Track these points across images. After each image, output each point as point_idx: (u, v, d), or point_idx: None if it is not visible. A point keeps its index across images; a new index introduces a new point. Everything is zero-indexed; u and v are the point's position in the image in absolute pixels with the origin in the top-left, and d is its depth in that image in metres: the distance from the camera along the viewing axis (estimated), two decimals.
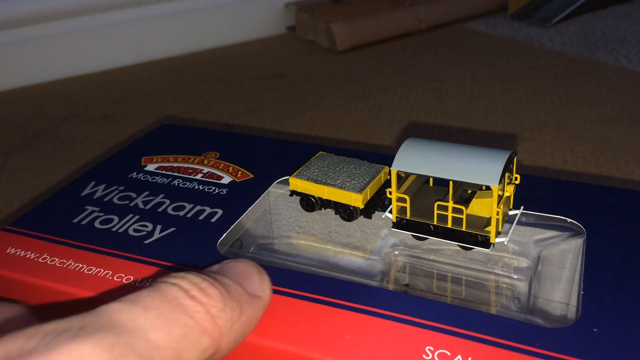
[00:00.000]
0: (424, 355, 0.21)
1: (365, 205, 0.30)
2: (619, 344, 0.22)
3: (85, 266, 0.27)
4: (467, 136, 0.57)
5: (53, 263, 0.28)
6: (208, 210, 0.32)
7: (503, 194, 0.27)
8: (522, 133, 0.57)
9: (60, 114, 0.70)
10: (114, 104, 0.72)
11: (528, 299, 0.27)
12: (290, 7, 0.94)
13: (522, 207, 0.30)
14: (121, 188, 0.34)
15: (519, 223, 0.31)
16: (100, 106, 0.71)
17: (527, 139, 0.55)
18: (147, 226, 0.30)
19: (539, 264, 0.29)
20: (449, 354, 0.22)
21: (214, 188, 0.34)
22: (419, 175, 0.30)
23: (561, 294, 0.27)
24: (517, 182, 0.29)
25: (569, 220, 0.30)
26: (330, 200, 0.31)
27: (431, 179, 0.31)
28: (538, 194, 0.32)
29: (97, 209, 0.32)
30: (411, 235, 0.30)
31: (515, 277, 0.29)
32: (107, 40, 0.84)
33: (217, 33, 0.91)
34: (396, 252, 0.31)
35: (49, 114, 0.70)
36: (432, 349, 0.22)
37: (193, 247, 0.29)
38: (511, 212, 0.30)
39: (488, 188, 0.28)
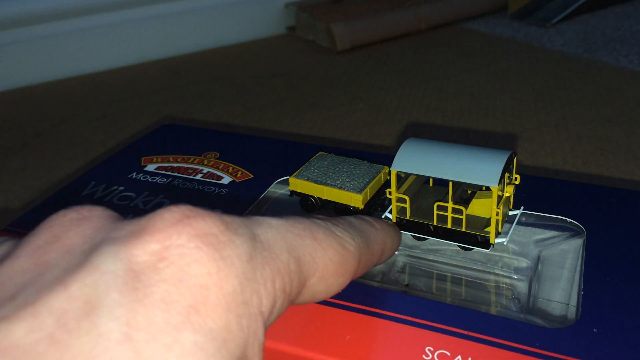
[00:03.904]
0: (423, 356, 0.21)
1: (365, 205, 0.30)
2: (619, 344, 0.22)
3: None
4: (467, 136, 0.57)
5: None
6: None
7: (503, 195, 0.27)
8: (522, 133, 0.57)
9: (60, 114, 0.70)
10: (114, 104, 0.72)
11: (528, 299, 0.27)
12: (290, 7, 0.94)
13: (522, 208, 0.30)
14: (121, 188, 0.34)
15: (519, 223, 0.31)
16: (100, 106, 0.71)
17: (527, 139, 0.55)
18: None
19: (539, 264, 0.29)
20: (448, 354, 0.21)
21: (214, 188, 0.34)
22: (418, 176, 0.30)
23: (561, 294, 0.27)
24: (517, 182, 0.29)
25: (569, 220, 0.30)
26: (330, 201, 0.31)
27: (431, 179, 0.31)
28: (538, 194, 0.32)
29: None
30: (411, 235, 0.30)
31: (515, 277, 0.29)
32: (107, 40, 0.84)
33: (217, 33, 0.91)
34: (396, 253, 0.31)
35: (49, 114, 0.70)
36: (432, 349, 0.22)
37: None
38: (511, 213, 0.30)
39: (488, 188, 0.28)
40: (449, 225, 0.28)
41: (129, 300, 0.13)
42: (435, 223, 0.28)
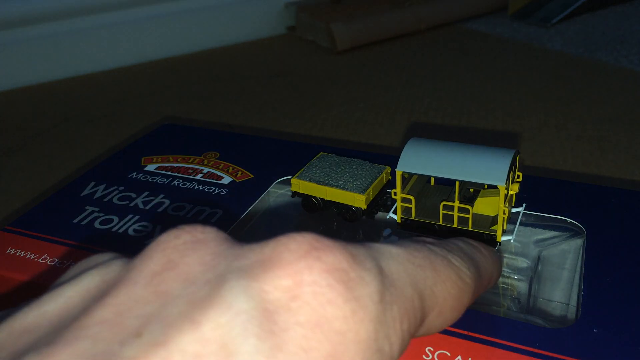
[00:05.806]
0: (423, 356, 0.21)
1: (367, 205, 0.30)
2: (619, 344, 0.22)
3: None
4: (467, 136, 0.57)
5: (53, 263, 0.28)
6: (208, 210, 0.32)
7: (509, 193, 0.27)
8: (522, 133, 0.57)
9: (60, 114, 0.70)
10: (114, 104, 0.72)
11: (528, 299, 0.27)
12: (290, 7, 0.94)
13: (524, 204, 0.30)
14: (121, 188, 0.34)
15: (519, 224, 0.31)
16: (100, 106, 0.71)
17: (527, 139, 0.55)
18: (147, 226, 0.30)
19: (539, 264, 0.29)
20: (448, 354, 0.21)
21: (214, 188, 0.34)
22: (421, 175, 0.30)
23: (561, 294, 0.27)
24: (520, 179, 0.29)
25: (569, 220, 0.30)
26: (333, 202, 0.31)
27: (432, 178, 0.31)
28: (538, 194, 0.32)
29: (97, 209, 0.32)
30: (416, 235, 0.30)
31: (515, 277, 0.29)
32: (107, 40, 0.84)
33: (217, 33, 0.91)
34: None
35: (49, 114, 0.70)
36: (432, 349, 0.22)
37: None
38: (514, 210, 0.30)
39: (491, 187, 0.28)
40: (455, 225, 0.28)
41: (268, 347, 0.12)
42: (441, 222, 0.28)
